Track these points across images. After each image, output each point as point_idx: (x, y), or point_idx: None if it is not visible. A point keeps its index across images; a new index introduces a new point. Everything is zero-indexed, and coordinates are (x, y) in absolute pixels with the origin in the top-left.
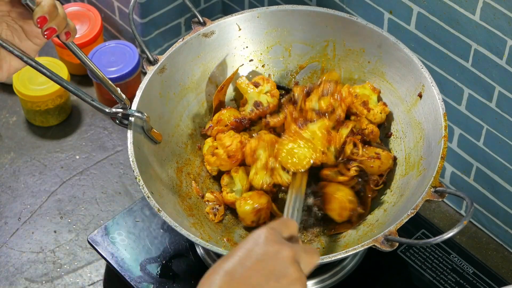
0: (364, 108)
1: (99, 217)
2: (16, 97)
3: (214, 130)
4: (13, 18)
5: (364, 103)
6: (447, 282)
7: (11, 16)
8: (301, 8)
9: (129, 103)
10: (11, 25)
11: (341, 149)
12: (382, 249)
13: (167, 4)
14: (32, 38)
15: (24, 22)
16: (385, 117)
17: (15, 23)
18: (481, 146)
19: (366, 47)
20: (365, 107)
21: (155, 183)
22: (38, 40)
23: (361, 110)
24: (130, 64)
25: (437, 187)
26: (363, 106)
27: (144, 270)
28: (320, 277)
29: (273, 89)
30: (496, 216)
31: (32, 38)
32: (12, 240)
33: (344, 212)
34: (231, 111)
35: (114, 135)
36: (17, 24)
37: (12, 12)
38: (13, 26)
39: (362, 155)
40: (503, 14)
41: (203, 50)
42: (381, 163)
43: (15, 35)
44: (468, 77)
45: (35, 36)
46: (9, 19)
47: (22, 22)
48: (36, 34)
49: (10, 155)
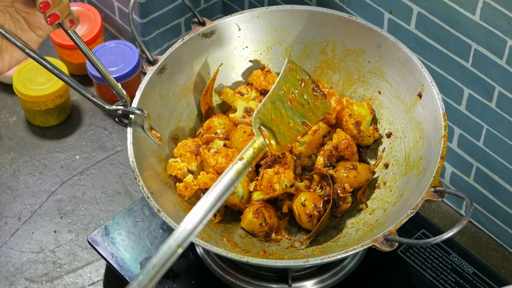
0: (355, 128)
1: (99, 217)
2: (16, 97)
3: (204, 138)
4: (16, 9)
5: (357, 124)
6: (447, 282)
7: (14, 7)
8: (301, 8)
9: (129, 100)
10: (14, 16)
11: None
12: (382, 249)
13: (167, 4)
14: (35, 29)
15: (27, 13)
16: (372, 141)
17: (18, 14)
18: (481, 146)
19: (366, 47)
20: (357, 127)
21: (155, 183)
22: (41, 31)
23: (351, 129)
24: (130, 64)
25: (436, 187)
26: (355, 126)
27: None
28: (320, 277)
29: (258, 95)
30: (496, 216)
31: (35, 29)
32: (12, 240)
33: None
34: (222, 118)
35: (114, 135)
36: (20, 15)
37: (15, 2)
38: (16, 17)
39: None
40: (503, 14)
41: (202, 50)
42: (357, 174)
43: (17, 26)
44: (468, 77)
45: (38, 27)
46: (13, 10)
47: (25, 13)
48: (39, 25)
49: (10, 155)
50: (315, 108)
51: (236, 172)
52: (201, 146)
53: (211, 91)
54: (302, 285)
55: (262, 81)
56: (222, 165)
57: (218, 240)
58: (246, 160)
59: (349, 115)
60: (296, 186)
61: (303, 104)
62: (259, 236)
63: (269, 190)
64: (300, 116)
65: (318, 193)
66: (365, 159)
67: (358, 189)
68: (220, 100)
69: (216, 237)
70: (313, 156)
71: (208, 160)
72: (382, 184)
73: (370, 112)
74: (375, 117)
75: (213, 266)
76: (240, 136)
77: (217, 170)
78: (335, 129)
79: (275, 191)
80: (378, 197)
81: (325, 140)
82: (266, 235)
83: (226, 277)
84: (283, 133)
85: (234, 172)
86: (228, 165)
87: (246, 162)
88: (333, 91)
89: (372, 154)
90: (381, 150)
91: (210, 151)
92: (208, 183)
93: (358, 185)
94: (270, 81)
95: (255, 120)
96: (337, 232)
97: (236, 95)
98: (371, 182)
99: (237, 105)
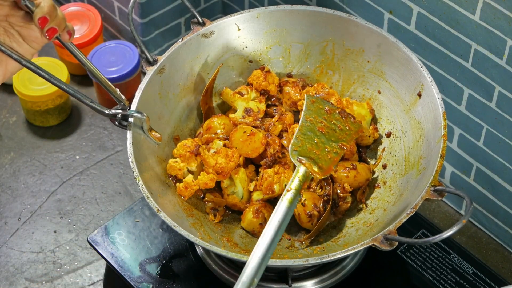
0: None
1: (99, 217)
2: (16, 97)
3: (203, 138)
4: (10, 23)
5: None
6: (447, 282)
7: (8, 21)
8: (301, 8)
9: (128, 104)
10: (8, 30)
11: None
12: (382, 248)
13: (167, 4)
14: (30, 42)
15: (21, 27)
16: (372, 141)
17: (12, 28)
18: (481, 146)
19: (366, 47)
20: None
21: (155, 183)
22: (36, 44)
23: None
24: (130, 64)
25: (436, 186)
26: None
27: (144, 270)
28: (320, 277)
29: (258, 96)
30: (496, 216)
31: (29, 42)
32: (12, 240)
33: (302, 216)
34: (222, 118)
35: (114, 135)
36: (14, 29)
37: (9, 16)
38: (10, 31)
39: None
40: (503, 14)
41: (202, 51)
42: (357, 173)
43: (12, 39)
44: (468, 77)
45: (32, 40)
46: (6, 24)
47: (19, 27)
48: (34, 39)
49: (10, 155)
50: (346, 130)
51: (288, 202)
52: (201, 146)
53: (211, 91)
54: (302, 285)
55: (262, 81)
56: (221, 165)
57: (218, 240)
58: (294, 189)
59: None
60: None
61: (334, 129)
62: (259, 236)
63: (269, 191)
64: (335, 140)
65: (318, 193)
66: (365, 158)
67: (358, 189)
68: (220, 100)
69: (216, 237)
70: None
71: (207, 160)
72: (382, 184)
73: (369, 112)
74: (374, 116)
75: (213, 266)
76: (240, 136)
77: (216, 170)
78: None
79: (274, 193)
80: (378, 197)
81: None
82: None
83: (226, 277)
84: (323, 158)
85: (286, 203)
86: (227, 165)
87: (295, 191)
88: (333, 91)
89: (372, 154)
90: (381, 149)
91: (210, 151)
92: (208, 184)
93: (358, 185)
94: (270, 81)
95: (292, 153)
96: (337, 231)
97: (236, 95)
98: (371, 181)
99: (237, 105)
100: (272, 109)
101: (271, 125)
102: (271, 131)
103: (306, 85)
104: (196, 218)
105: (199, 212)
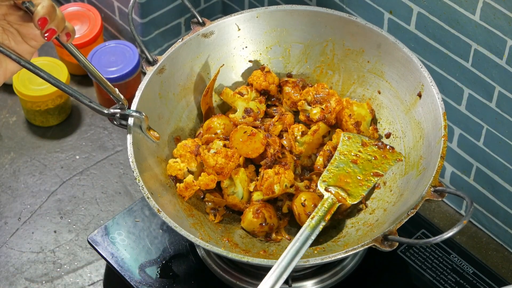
0: (355, 128)
1: (99, 217)
2: (16, 97)
3: (203, 138)
4: (9, 21)
5: (356, 124)
6: (447, 282)
7: (7, 20)
8: (301, 8)
9: (127, 103)
10: (7, 28)
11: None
12: (382, 249)
13: (167, 4)
14: (29, 41)
15: (20, 25)
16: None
17: (11, 27)
18: (481, 146)
19: (366, 47)
20: (357, 128)
21: (155, 184)
22: (35, 43)
23: (351, 130)
24: (130, 64)
25: (436, 186)
26: (355, 127)
27: (144, 270)
28: (320, 277)
29: (258, 96)
30: (496, 216)
31: (28, 40)
32: (12, 240)
33: (302, 216)
34: (222, 118)
35: (114, 135)
36: (12, 27)
37: (8, 15)
38: (9, 30)
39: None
40: (503, 14)
41: (202, 51)
42: None
43: (11, 38)
44: (468, 77)
45: (31, 38)
46: (5, 23)
47: (18, 25)
48: (33, 37)
49: (10, 155)
50: (383, 159)
51: (310, 228)
52: (201, 146)
53: (211, 92)
54: (302, 285)
55: (262, 82)
56: (222, 165)
57: (218, 240)
58: (319, 215)
59: (348, 115)
60: (296, 186)
61: (369, 160)
62: (259, 236)
63: (269, 191)
64: (369, 169)
65: (318, 193)
66: None
67: None
68: (220, 101)
69: (216, 237)
70: (313, 156)
71: (207, 161)
72: (382, 184)
73: (369, 112)
74: (374, 117)
75: (213, 266)
76: (240, 136)
77: (216, 171)
78: (335, 129)
79: (274, 193)
80: (378, 197)
81: (325, 141)
82: (266, 235)
83: (226, 277)
84: (354, 185)
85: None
86: (227, 165)
87: (319, 217)
88: (333, 91)
89: None
90: None
91: (210, 151)
92: (209, 184)
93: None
94: (270, 81)
95: (320, 184)
96: (337, 232)
97: (236, 96)
98: None
99: (237, 105)
100: (272, 109)
101: (271, 125)
102: (271, 131)
103: (306, 85)
104: (196, 218)
105: (199, 212)
